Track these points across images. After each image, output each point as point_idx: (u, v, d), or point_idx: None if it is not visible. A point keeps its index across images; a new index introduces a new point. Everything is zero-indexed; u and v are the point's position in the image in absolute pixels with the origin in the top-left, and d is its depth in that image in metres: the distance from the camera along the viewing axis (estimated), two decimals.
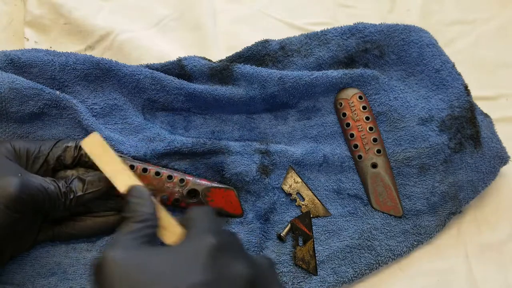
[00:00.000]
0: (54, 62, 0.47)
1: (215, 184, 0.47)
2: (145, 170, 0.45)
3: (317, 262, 0.46)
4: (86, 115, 0.46)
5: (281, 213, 0.48)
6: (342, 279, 0.46)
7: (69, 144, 0.44)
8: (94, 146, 0.41)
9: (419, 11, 0.60)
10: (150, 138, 0.48)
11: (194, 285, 0.28)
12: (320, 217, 0.48)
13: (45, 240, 0.43)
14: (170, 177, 0.46)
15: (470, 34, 0.59)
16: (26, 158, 0.41)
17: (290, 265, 0.46)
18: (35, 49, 0.48)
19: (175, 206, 0.46)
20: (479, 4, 0.61)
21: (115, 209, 0.44)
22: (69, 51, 0.49)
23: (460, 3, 0.61)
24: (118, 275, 0.29)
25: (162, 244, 0.36)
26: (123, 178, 0.40)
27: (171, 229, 0.37)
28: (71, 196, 0.40)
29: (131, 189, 0.38)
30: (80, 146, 0.43)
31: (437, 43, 0.52)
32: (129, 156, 0.46)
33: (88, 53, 0.52)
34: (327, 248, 0.47)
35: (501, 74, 0.57)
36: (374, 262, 0.46)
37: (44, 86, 0.45)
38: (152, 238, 0.34)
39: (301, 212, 0.48)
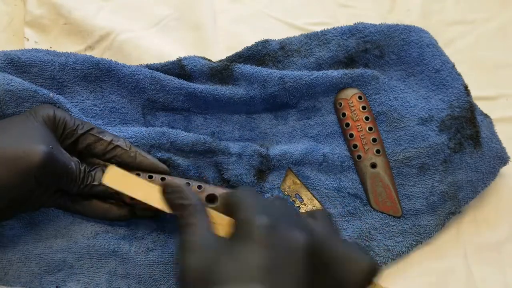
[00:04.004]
0: (54, 62, 0.47)
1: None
2: (163, 179, 0.45)
3: None
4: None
5: None
6: None
7: (105, 138, 0.43)
8: (117, 178, 0.40)
9: (419, 11, 0.60)
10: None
11: (258, 271, 0.28)
12: None
13: (50, 206, 0.44)
14: (188, 184, 0.45)
15: (470, 34, 0.59)
16: (61, 131, 0.42)
17: None
18: (35, 49, 0.48)
19: None
20: (479, 4, 0.61)
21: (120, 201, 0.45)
22: (69, 51, 0.49)
23: (460, 3, 0.61)
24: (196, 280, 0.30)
25: None
26: (156, 196, 0.39)
27: (219, 221, 0.36)
28: (87, 182, 0.42)
29: (167, 188, 0.38)
30: (115, 145, 0.43)
31: (437, 43, 0.52)
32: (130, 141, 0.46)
33: (88, 53, 0.52)
34: None
35: (501, 74, 0.57)
36: None
37: (39, 87, 0.45)
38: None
39: None
